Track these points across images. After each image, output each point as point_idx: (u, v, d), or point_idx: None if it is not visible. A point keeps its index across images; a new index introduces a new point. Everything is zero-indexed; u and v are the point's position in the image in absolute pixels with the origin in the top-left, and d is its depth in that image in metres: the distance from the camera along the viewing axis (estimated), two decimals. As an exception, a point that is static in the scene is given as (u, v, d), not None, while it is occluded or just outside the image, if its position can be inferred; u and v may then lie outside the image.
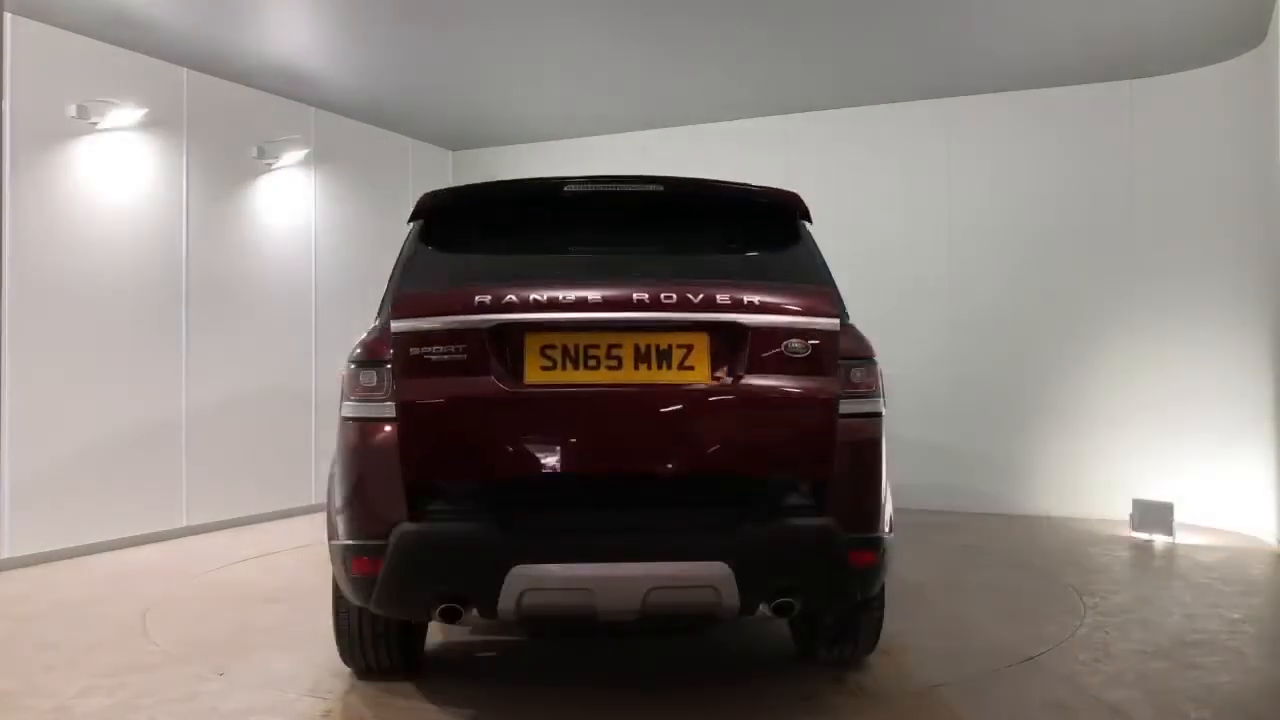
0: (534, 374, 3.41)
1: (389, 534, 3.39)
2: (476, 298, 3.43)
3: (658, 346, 3.46)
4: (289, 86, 8.24)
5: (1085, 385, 8.19)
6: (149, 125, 7.27)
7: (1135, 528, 7.43)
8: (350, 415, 3.55)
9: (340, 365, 3.68)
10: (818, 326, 3.50)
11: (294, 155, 8.42)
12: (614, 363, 3.43)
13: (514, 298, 3.42)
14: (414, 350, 3.42)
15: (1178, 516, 7.26)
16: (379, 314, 3.79)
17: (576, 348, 3.44)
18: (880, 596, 4.00)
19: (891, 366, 3.97)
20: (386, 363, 3.49)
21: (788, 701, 3.90)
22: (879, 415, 3.64)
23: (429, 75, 8.18)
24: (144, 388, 7.27)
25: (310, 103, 8.67)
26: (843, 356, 3.60)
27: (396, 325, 3.43)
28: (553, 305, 3.43)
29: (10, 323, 6.39)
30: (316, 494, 8.34)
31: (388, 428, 3.46)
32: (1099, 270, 8.18)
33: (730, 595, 3.39)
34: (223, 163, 7.93)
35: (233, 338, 7.95)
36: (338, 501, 3.63)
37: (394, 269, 3.93)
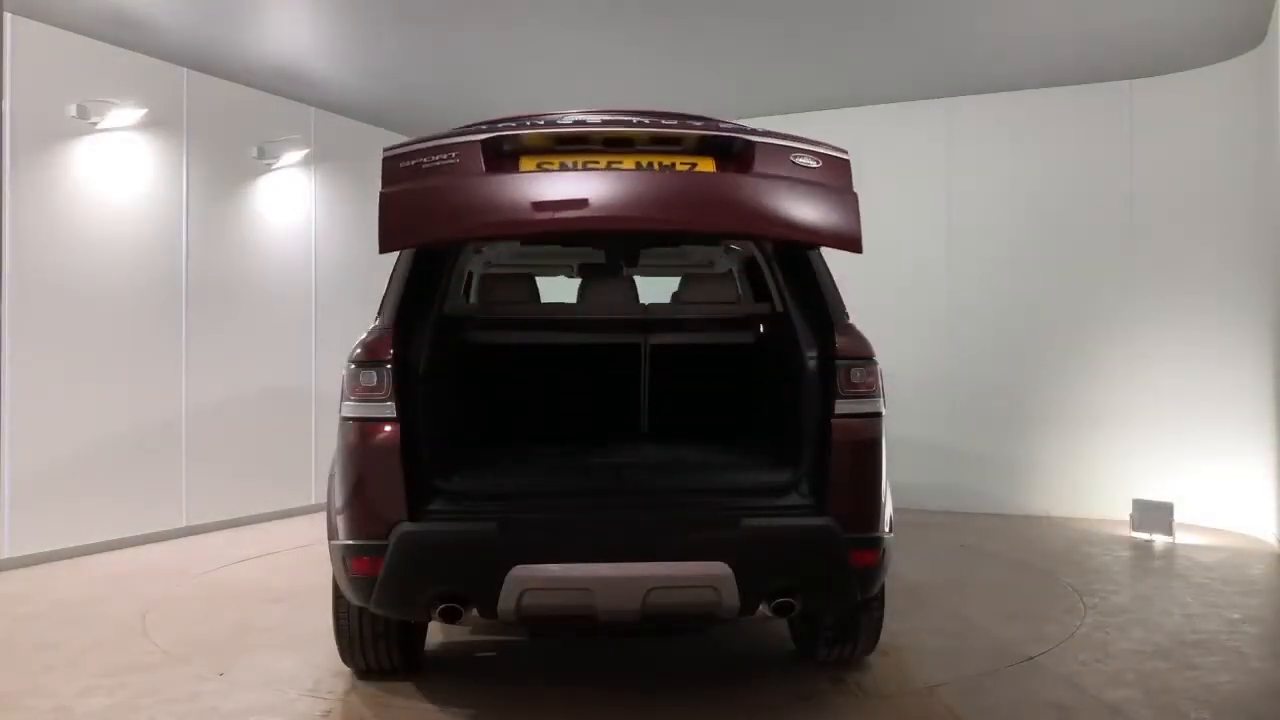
0: None
1: (389, 534, 3.39)
2: (470, 127, 3.36)
3: (660, 163, 3.36)
4: (289, 86, 8.23)
5: (1085, 385, 8.18)
6: (149, 125, 7.26)
7: (1135, 528, 7.43)
8: (350, 415, 3.55)
9: (341, 365, 3.68)
10: (829, 153, 3.43)
11: (294, 155, 8.42)
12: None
13: (511, 122, 3.36)
14: (404, 165, 3.29)
15: (1178, 516, 7.26)
16: (379, 314, 3.79)
17: (575, 165, 3.33)
18: (880, 596, 4.00)
19: (891, 366, 3.97)
20: (387, 362, 3.49)
21: (788, 701, 3.90)
22: (879, 415, 3.64)
23: (429, 75, 8.18)
24: (144, 388, 7.26)
25: (310, 103, 8.66)
26: (842, 356, 3.60)
27: (388, 151, 3.32)
28: (550, 123, 3.37)
29: (10, 323, 6.38)
30: (316, 494, 8.34)
31: (388, 428, 3.46)
32: (1099, 270, 8.18)
33: (730, 595, 3.39)
34: (223, 163, 7.93)
35: (233, 338, 7.94)
36: (338, 501, 3.63)
37: (394, 268, 3.92)
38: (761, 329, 4.55)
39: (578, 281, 5.47)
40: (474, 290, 5.22)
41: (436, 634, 4.63)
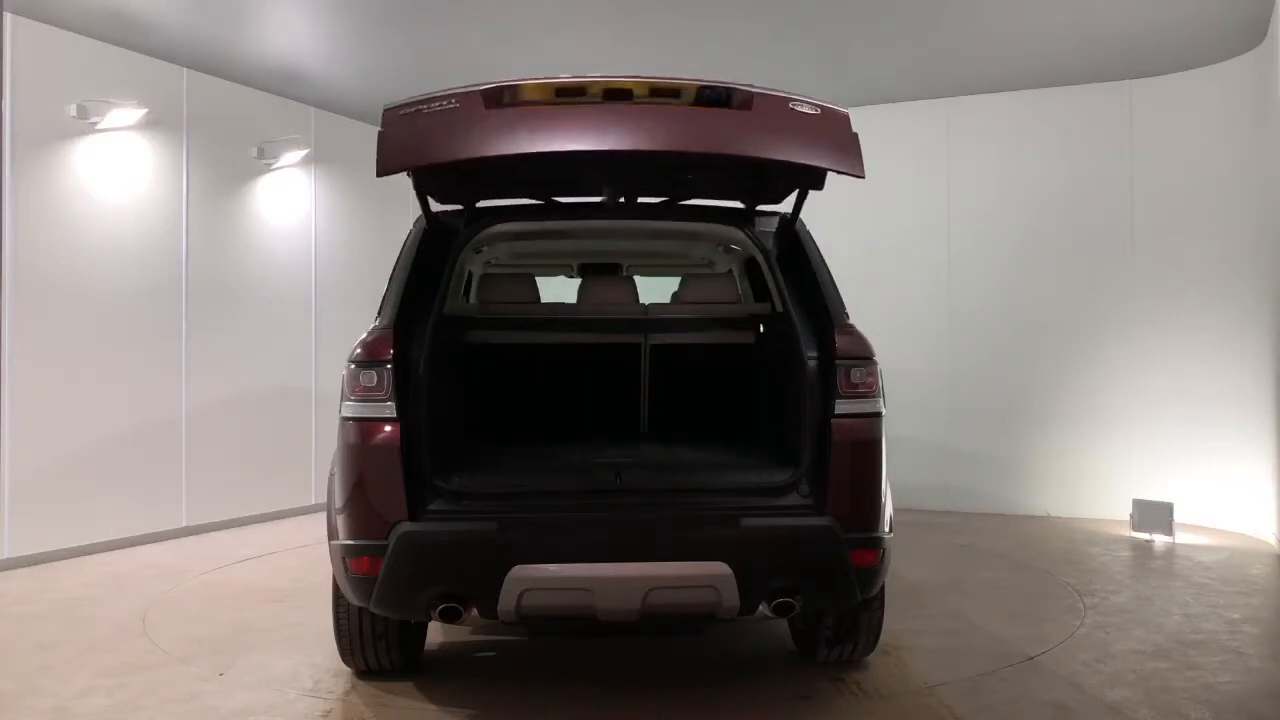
0: None
1: (389, 534, 3.39)
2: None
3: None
4: (289, 86, 8.23)
5: (1085, 385, 8.18)
6: (149, 125, 7.26)
7: (1135, 528, 7.42)
8: (350, 415, 3.54)
9: (341, 365, 3.68)
10: (827, 105, 3.53)
11: (294, 155, 8.41)
12: None
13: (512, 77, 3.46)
14: (404, 113, 3.41)
15: (1178, 516, 7.26)
16: (379, 314, 3.79)
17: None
18: (880, 596, 4.00)
19: (891, 366, 3.96)
20: (387, 362, 3.49)
21: (788, 701, 3.90)
22: (879, 415, 3.64)
23: (429, 75, 8.13)
24: (144, 388, 7.26)
25: (310, 103, 8.66)
26: (842, 356, 3.60)
27: (389, 105, 3.44)
28: (550, 78, 3.45)
29: (10, 323, 6.39)
30: (316, 494, 8.34)
31: (388, 428, 3.46)
32: (1099, 270, 8.18)
33: (730, 595, 3.39)
34: (223, 163, 7.93)
35: (233, 338, 7.94)
36: (338, 501, 3.63)
37: (394, 268, 3.92)
38: (761, 329, 4.55)
39: (577, 282, 5.47)
40: (474, 290, 5.22)
41: (436, 634, 4.63)
